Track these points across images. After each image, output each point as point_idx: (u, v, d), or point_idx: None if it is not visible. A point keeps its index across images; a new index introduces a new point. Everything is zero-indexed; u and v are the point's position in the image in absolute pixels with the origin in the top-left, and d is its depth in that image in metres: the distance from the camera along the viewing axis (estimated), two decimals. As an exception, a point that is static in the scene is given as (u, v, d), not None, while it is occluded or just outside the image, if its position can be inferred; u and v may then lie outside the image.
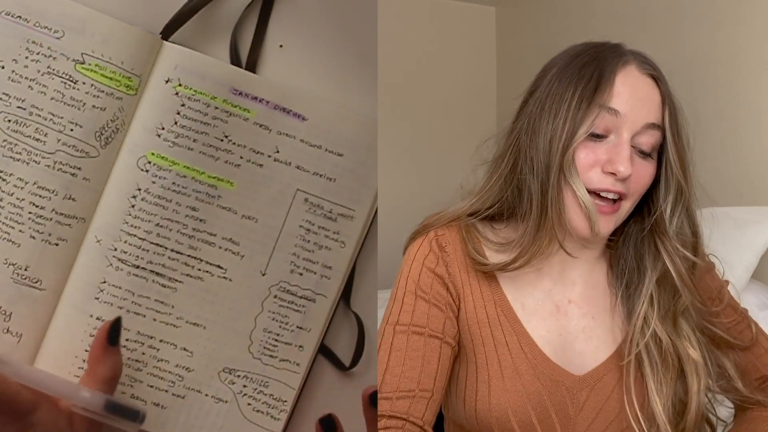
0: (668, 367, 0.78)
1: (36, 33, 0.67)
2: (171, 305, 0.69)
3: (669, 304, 0.80)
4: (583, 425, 0.79)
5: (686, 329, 0.80)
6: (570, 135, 0.75)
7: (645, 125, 0.76)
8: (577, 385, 0.79)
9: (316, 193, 0.70)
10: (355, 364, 0.72)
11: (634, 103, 0.76)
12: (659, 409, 0.76)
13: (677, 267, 0.79)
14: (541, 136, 0.77)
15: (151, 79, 0.69)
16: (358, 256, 0.72)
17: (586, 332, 0.82)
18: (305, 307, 0.70)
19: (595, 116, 0.75)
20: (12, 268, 0.67)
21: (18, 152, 0.67)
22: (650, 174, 0.78)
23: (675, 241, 0.79)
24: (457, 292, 0.81)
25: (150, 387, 0.69)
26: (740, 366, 0.84)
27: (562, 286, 0.83)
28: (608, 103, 0.75)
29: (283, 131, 0.70)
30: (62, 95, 0.67)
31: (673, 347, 0.79)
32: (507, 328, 0.80)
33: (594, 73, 0.76)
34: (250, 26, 0.71)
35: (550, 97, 0.78)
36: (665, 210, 0.79)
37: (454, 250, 0.82)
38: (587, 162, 0.76)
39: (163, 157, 0.68)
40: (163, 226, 0.68)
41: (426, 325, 0.78)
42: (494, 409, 0.77)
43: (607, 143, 0.76)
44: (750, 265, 1.31)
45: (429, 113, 2.69)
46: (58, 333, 0.68)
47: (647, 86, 0.77)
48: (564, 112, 0.76)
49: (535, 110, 0.78)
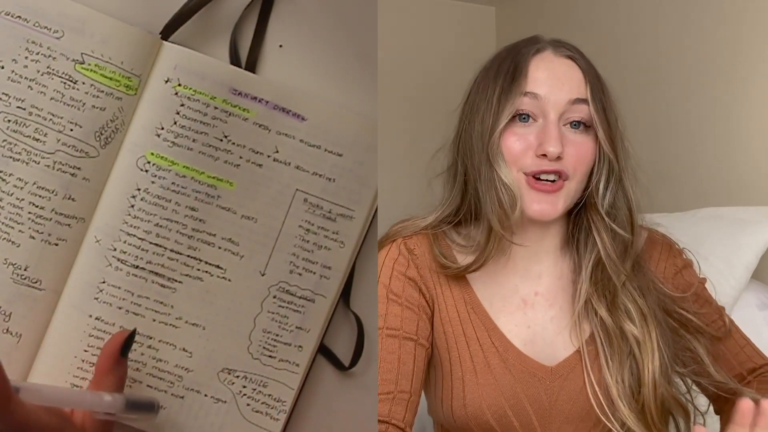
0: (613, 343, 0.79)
1: (36, 33, 0.67)
2: (170, 305, 0.69)
3: (606, 282, 0.81)
4: (559, 416, 0.79)
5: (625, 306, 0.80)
6: (494, 122, 0.77)
7: (568, 101, 0.78)
8: (549, 375, 0.80)
9: (316, 193, 0.70)
10: (355, 364, 0.72)
11: (553, 83, 0.78)
12: (614, 391, 0.77)
13: (604, 243, 0.80)
14: (475, 134, 0.80)
15: (150, 79, 0.69)
16: (357, 256, 0.72)
17: (555, 323, 0.83)
18: (304, 308, 0.70)
19: (513, 102, 0.77)
20: (12, 268, 0.67)
21: (18, 152, 0.67)
22: (589, 149, 0.79)
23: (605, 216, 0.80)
24: (431, 293, 0.82)
25: (149, 387, 0.69)
26: (715, 359, 0.84)
27: (528, 280, 0.84)
28: (525, 88, 0.77)
29: (283, 131, 0.70)
30: (62, 95, 0.67)
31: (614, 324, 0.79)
32: (477, 324, 0.81)
33: (510, 65, 0.79)
34: (250, 26, 0.71)
35: (477, 96, 0.81)
36: (596, 186, 0.80)
37: (422, 254, 0.83)
38: (519, 148, 0.77)
39: (163, 157, 0.68)
40: (163, 226, 0.68)
41: (400, 327, 0.79)
42: (469, 405, 0.78)
43: (536, 127, 0.78)
44: (750, 265, 1.31)
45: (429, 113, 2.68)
46: (58, 333, 0.68)
47: (564, 66, 0.79)
48: (487, 106, 0.79)
49: (468, 114, 0.82)
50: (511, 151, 0.78)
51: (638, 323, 0.79)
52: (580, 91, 0.78)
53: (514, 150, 0.78)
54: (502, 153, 0.78)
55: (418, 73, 2.66)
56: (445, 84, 2.72)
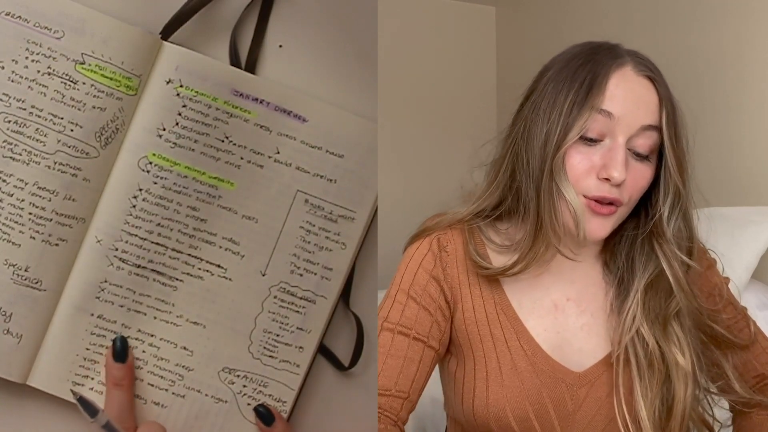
0: (654, 371, 0.78)
1: (36, 33, 0.67)
2: (171, 304, 0.69)
3: (660, 307, 0.79)
4: (582, 422, 0.79)
5: (677, 334, 0.79)
6: (561, 137, 0.75)
7: (641, 127, 0.75)
8: (576, 381, 0.79)
9: (317, 194, 0.70)
10: (354, 364, 0.72)
11: (629, 105, 0.75)
12: (644, 413, 0.76)
13: (674, 270, 0.79)
14: (536, 139, 0.76)
15: (151, 79, 0.69)
16: (357, 257, 0.72)
17: (585, 329, 0.82)
18: (305, 308, 0.70)
19: (586, 118, 0.74)
20: (12, 269, 0.67)
21: (18, 153, 0.67)
22: (647, 177, 0.77)
23: (672, 244, 0.79)
24: (453, 294, 0.81)
25: (150, 385, 0.69)
26: (738, 366, 0.84)
27: (560, 284, 0.84)
28: (601, 105, 0.74)
29: (284, 132, 0.70)
30: (62, 95, 0.67)
31: (660, 352, 0.78)
32: (506, 326, 0.80)
33: (588, 75, 0.75)
34: (250, 26, 0.71)
35: (545, 100, 0.77)
36: (663, 213, 0.78)
37: (455, 250, 0.82)
38: (582, 168, 0.75)
39: (164, 157, 0.68)
40: (164, 225, 0.68)
41: (412, 327, 0.79)
42: (492, 406, 0.77)
43: (602, 147, 0.75)
44: (750, 265, 1.31)
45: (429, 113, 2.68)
46: (59, 333, 0.68)
47: (643, 88, 0.76)
48: (556, 115, 0.75)
49: (530, 114, 0.78)
50: (575, 171, 0.75)
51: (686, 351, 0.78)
52: (654, 118, 0.76)
53: (577, 170, 0.75)
54: (565, 171, 0.75)
55: (418, 73, 2.66)
56: (446, 84, 2.72)
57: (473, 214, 0.83)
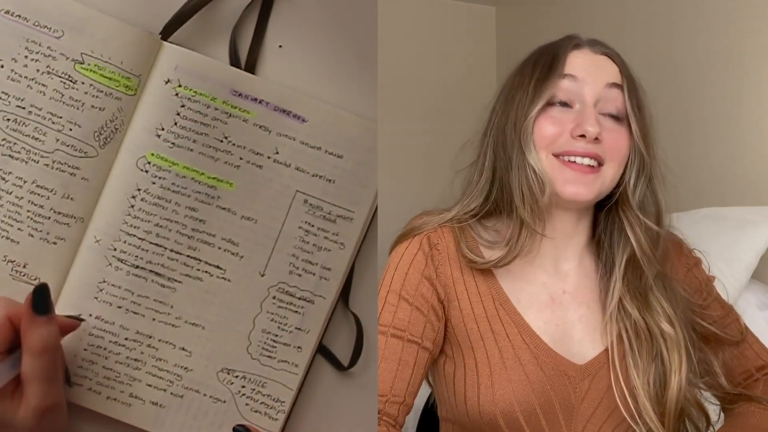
0: (641, 342, 0.79)
1: (35, 32, 0.67)
2: (170, 305, 0.69)
3: (638, 280, 0.81)
4: (585, 415, 0.79)
5: (658, 304, 0.80)
6: (528, 108, 0.78)
7: (606, 85, 0.79)
8: (579, 374, 0.79)
9: (316, 195, 0.70)
10: (354, 364, 0.72)
11: (590, 68, 0.79)
12: (639, 388, 0.77)
13: (638, 238, 0.80)
14: (508, 125, 0.80)
15: (150, 79, 0.69)
16: (357, 257, 0.72)
17: (583, 321, 0.83)
18: (304, 309, 0.70)
19: (552, 87, 0.78)
20: (11, 265, 0.67)
21: (17, 151, 0.67)
22: (625, 139, 0.79)
23: (637, 211, 0.80)
24: (447, 292, 0.81)
25: (148, 386, 0.69)
26: (727, 362, 0.85)
27: (556, 278, 0.84)
28: (564, 71, 0.78)
29: (283, 132, 0.70)
30: (61, 95, 0.67)
31: (646, 324, 0.79)
32: (506, 320, 0.80)
33: (548, 58, 0.80)
34: (250, 26, 0.71)
35: (512, 90, 0.81)
36: (629, 181, 0.80)
37: (446, 248, 0.82)
38: (553, 131, 0.78)
39: (163, 157, 0.68)
40: (163, 226, 0.68)
41: (406, 328, 0.78)
42: (499, 401, 0.77)
43: (573, 112, 0.78)
44: (750, 265, 1.31)
45: (429, 113, 2.68)
46: (57, 333, 0.68)
47: (602, 60, 0.81)
48: (522, 93, 0.79)
49: (501, 106, 0.82)
50: (545, 135, 0.78)
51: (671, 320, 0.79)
52: (616, 78, 0.80)
53: (547, 133, 0.78)
54: (533, 138, 0.78)
55: (418, 73, 2.66)
56: (445, 84, 2.72)
57: (462, 213, 0.84)
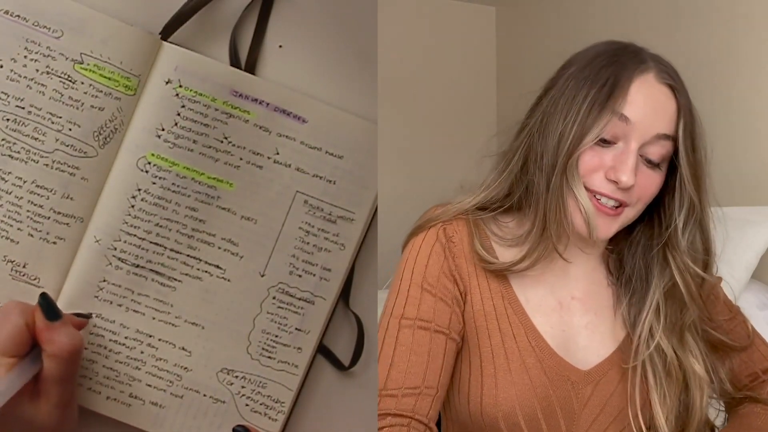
0: (672, 380, 0.78)
1: (35, 32, 0.67)
2: (170, 304, 0.69)
3: (676, 318, 0.79)
4: (586, 421, 0.79)
5: (692, 343, 0.79)
6: (578, 138, 0.74)
7: (655, 136, 0.75)
8: (582, 380, 0.79)
9: (316, 195, 0.70)
10: (354, 364, 0.72)
11: (647, 112, 0.75)
12: (662, 421, 0.76)
13: (686, 282, 0.79)
14: (551, 135, 0.76)
15: (150, 79, 0.69)
16: (357, 257, 0.72)
17: (590, 328, 0.82)
18: (304, 309, 0.70)
19: (605, 122, 0.74)
20: (10, 265, 0.67)
21: (17, 151, 0.67)
22: (656, 184, 0.77)
23: (686, 256, 0.79)
24: (464, 284, 0.80)
25: (148, 386, 0.69)
26: (734, 367, 0.84)
27: (564, 282, 0.83)
28: (620, 109, 0.74)
29: (283, 133, 0.70)
30: (61, 95, 0.67)
31: (678, 361, 0.78)
32: (514, 320, 0.80)
33: (610, 77, 0.75)
34: (250, 26, 0.71)
35: (564, 96, 0.77)
36: (678, 224, 0.78)
37: (461, 241, 0.81)
38: (591, 165, 0.75)
39: (163, 158, 0.68)
40: (163, 225, 0.68)
41: (432, 319, 0.77)
42: (501, 403, 0.77)
43: (615, 150, 0.76)
44: (750, 265, 1.31)
45: (429, 113, 2.68)
46: (57, 333, 0.68)
47: (663, 96, 0.76)
48: (574, 114, 0.75)
49: (548, 108, 0.78)
50: (585, 167, 0.75)
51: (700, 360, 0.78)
52: (670, 127, 0.76)
53: (587, 166, 0.75)
54: (578, 171, 0.75)
55: (418, 73, 2.66)
56: (445, 84, 2.72)
57: (478, 206, 0.82)
